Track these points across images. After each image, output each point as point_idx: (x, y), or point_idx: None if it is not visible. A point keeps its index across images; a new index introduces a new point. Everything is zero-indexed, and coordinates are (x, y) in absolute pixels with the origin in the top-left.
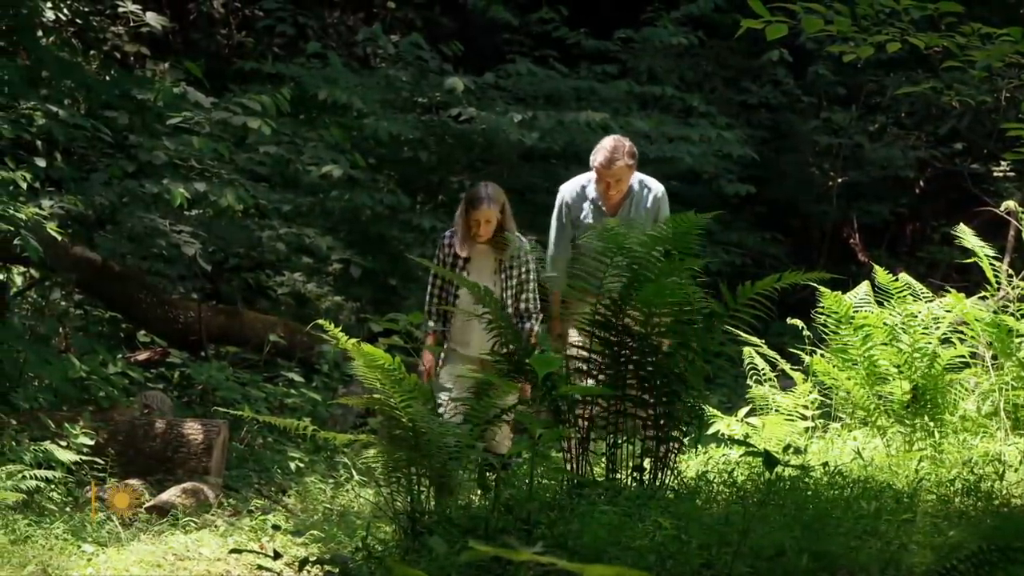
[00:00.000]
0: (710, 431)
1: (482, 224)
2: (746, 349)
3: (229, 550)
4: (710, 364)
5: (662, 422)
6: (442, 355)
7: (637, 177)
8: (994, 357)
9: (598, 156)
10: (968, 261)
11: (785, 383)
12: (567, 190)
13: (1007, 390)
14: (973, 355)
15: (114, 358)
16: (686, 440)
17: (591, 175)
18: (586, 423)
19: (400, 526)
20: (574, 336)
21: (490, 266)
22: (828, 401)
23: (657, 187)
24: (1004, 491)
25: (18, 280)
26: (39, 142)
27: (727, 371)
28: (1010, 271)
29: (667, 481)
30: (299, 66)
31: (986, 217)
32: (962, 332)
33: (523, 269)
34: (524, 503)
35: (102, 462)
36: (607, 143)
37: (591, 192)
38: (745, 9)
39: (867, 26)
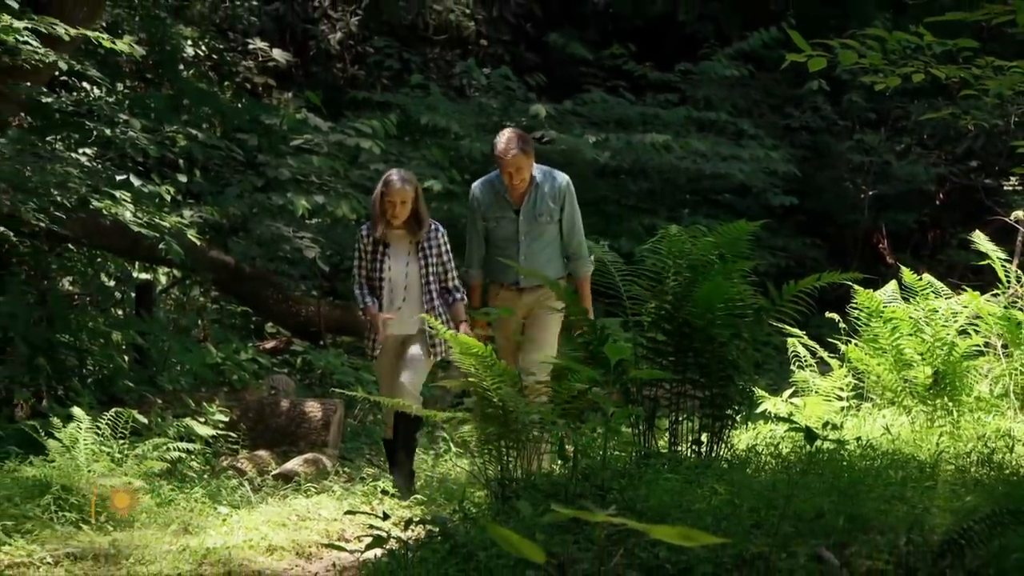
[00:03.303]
0: (759, 410)
1: (397, 205)
2: (790, 339)
3: (344, 511)
4: (759, 352)
5: (718, 402)
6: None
7: (542, 169)
8: (1005, 346)
9: (496, 148)
10: (982, 263)
11: (824, 368)
12: (477, 187)
13: (1016, 375)
14: (987, 345)
15: (245, 347)
16: (738, 417)
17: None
18: (652, 402)
19: (491, 491)
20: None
21: (407, 249)
22: (861, 384)
23: (562, 177)
24: (1014, 462)
25: (163, 280)
26: (181, 160)
27: (773, 358)
28: (1019, 272)
29: (722, 453)
30: (404, 95)
31: (998, 225)
32: (977, 325)
33: (442, 249)
34: (599, 471)
35: (235, 436)
36: (503, 135)
37: (498, 186)
38: (789, 45)
39: (895, 59)
